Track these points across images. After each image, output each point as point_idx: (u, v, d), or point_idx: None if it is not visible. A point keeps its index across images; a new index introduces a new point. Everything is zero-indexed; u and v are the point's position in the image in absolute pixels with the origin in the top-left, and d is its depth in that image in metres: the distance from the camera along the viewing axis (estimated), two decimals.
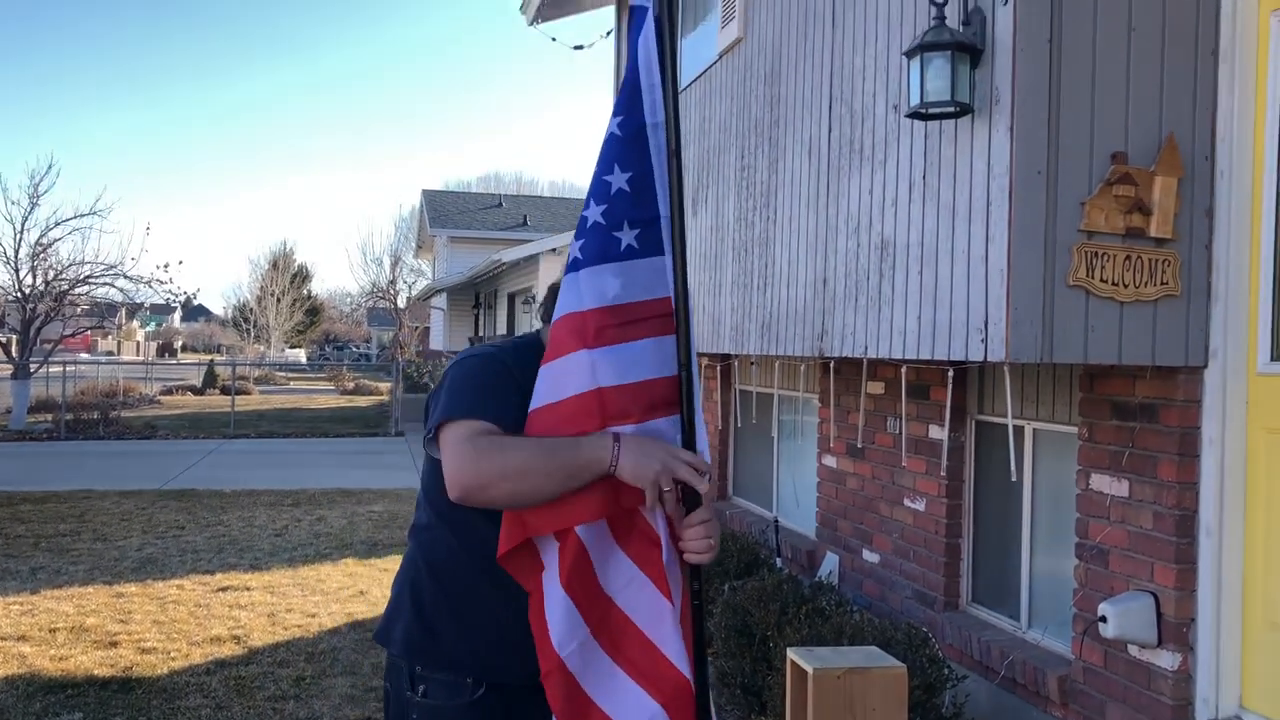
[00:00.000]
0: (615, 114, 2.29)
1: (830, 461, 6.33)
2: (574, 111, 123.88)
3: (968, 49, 3.68)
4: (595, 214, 2.26)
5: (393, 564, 8.70)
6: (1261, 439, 3.57)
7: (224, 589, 7.73)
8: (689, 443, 2.20)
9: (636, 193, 2.26)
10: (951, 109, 3.73)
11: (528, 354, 2.27)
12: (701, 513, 2.17)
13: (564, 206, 32.03)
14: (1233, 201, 3.62)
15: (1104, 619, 3.77)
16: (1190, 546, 3.67)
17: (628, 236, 2.26)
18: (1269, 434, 3.54)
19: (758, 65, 6.02)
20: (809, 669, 3.03)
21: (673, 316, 2.23)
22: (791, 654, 3.17)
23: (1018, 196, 3.51)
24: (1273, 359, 3.54)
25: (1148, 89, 3.61)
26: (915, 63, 3.75)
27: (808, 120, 5.30)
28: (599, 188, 2.28)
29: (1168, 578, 3.70)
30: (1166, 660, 3.71)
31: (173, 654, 6.13)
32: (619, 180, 2.27)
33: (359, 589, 7.78)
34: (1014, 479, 4.63)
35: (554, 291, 2.43)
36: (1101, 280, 3.54)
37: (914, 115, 3.85)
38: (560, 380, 2.20)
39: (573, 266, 2.27)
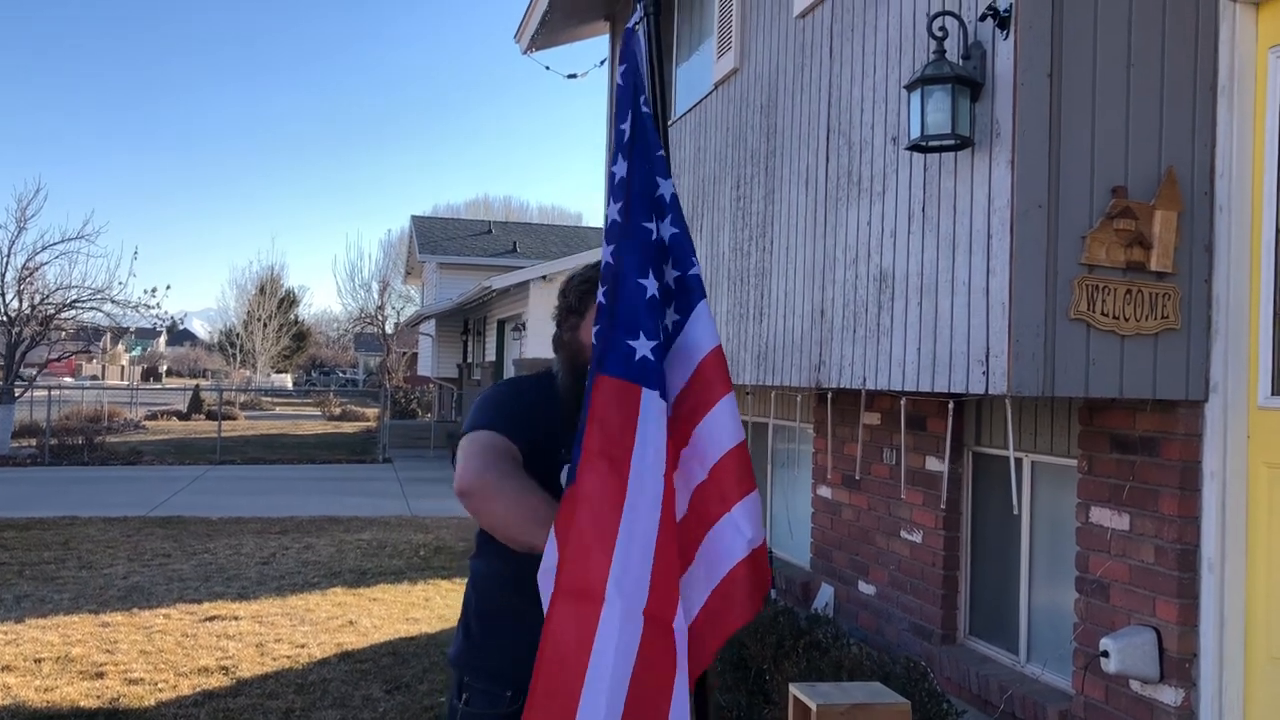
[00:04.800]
0: (664, 175, 2.24)
1: (825, 492, 6.31)
2: (563, 137, 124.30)
3: (968, 82, 3.69)
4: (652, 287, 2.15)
5: (382, 594, 8.62)
6: (1263, 473, 3.56)
7: (211, 618, 7.64)
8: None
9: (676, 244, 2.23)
10: (952, 142, 3.73)
11: (548, 385, 2.47)
12: None
13: (553, 233, 32.06)
14: (1232, 236, 3.63)
15: (1106, 654, 3.75)
16: (1192, 581, 3.65)
17: (669, 317, 2.20)
18: (1270, 468, 3.54)
19: (754, 96, 6.03)
20: (812, 705, 2.99)
21: (725, 368, 2.19)
22: (794, 690, 3.14)
23: (1019, 229, 3.51)
24: (1273, 393, 3.54)
25: (1147, 123, 3.63)
26: (916, 96, 3.76)
27: (805, 151, 5.31)
28: (652, 243, 2.19)
29: (1170, 613, 3.68)
30: (1169, 696, 3.69)
31: (160, 685, 6.04)
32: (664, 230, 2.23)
33: (348, 619, 7.70)
34: (1015, 512, 4.61)
35: (560, 321, 2.49)
36: (1102, 314, 3.54)
37: (914, 148, 3.86)
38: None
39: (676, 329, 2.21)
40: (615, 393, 2.01)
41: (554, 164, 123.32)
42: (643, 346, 2.03)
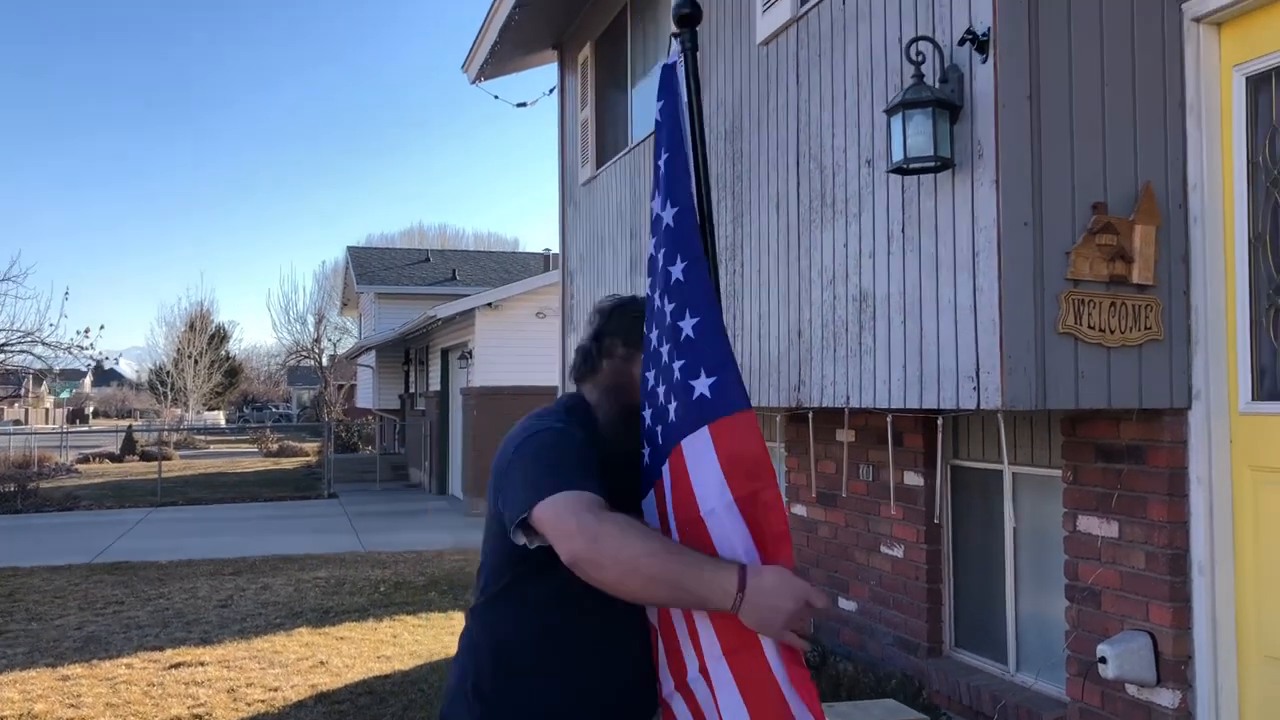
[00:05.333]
0: (672, 203, 2.19)
1: (801, 510, 6.36)
2: (496, 163, 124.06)
3: (947, 105, 3.77)
4: (668, 308, 2.16)
5: (349, 632, 8.48)
6: (1247, 476, 3.67)
7: (176, 665, 7.46)
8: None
9: (689, 281, 2.16)
10: (933, 164, 3.81)
11: (585, 419, 2.22)
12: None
13: (492, 260, 31.96)
14: (1207, 248, 3.75)
15: (1104, 660, 3.82)
16: (1184, 584, 3.75)
17: (687, 328, 2.19)
18: (1253, 471, 3.65)
19: (717, 122, 6.09)
20: None
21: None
22: None
23: (1006, 247, 3.59)
24: (1254, 398, 3.65)
25: (1123, 141, 3.74)
26: (897, 119, 3.83)
27: (774, 175, 5.37)
28: (663, 279, 2.19)
29: (1164, 617, 3.77)
30: (1166, 698, 3.77)
31: None
32: (677, 271, 2.18)
33: (318, 659, 7.56)
34: (1014, 525, 4.69)
35: (583, 353, 2.38)
36: (1089, 327, 3.63)
37: (897, 170, 3.93)
38: None
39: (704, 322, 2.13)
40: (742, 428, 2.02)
41: (488, 191, 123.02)
42: (701, 384, 2.03)
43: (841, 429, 5.79)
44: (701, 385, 2.02)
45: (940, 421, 4.35)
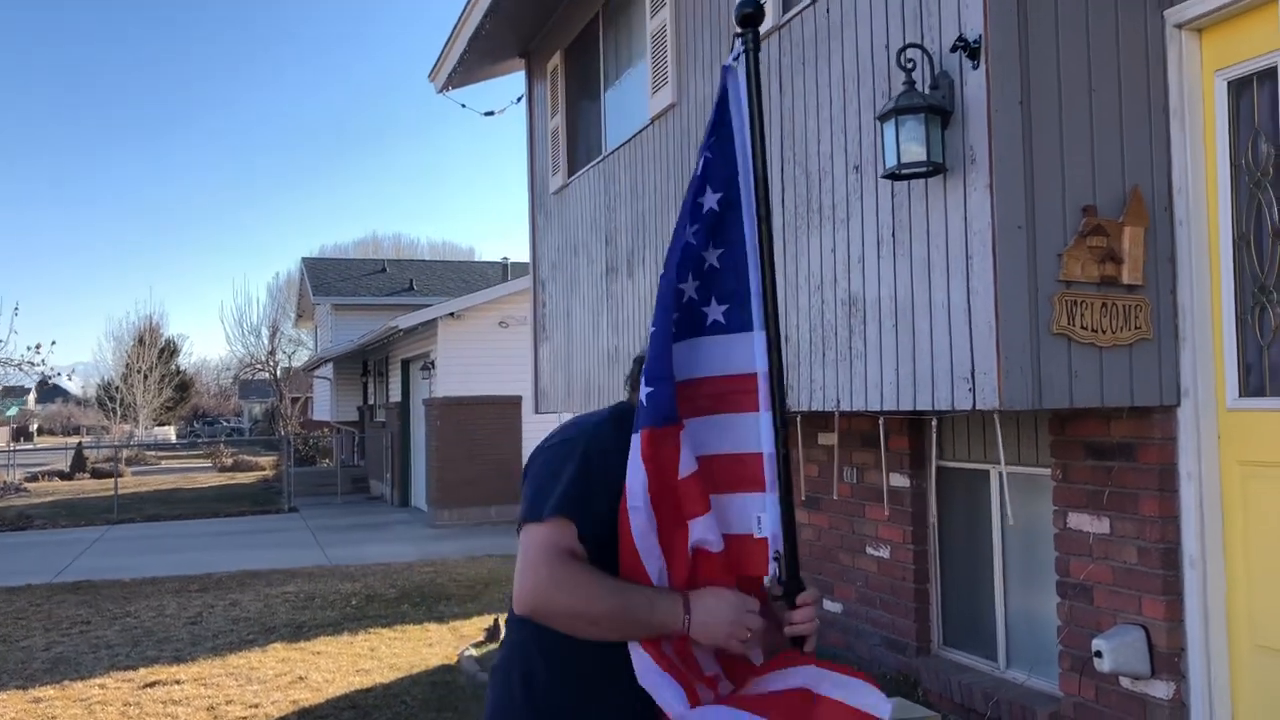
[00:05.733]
0: (713, 188, 2.27)
1: None
2: (449, 172, 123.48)
3: (938, 111, 3.84)
4: (690, 288, 2.25)
5: (325, 646, 8.41)
6: (1235, 471, 3.76)
7: (151, 684, 7.35)
8: (788, 524, 2.22)
9: (726, 269, 2.26)
10: (926, 169, 3.87)
11: (624, 427, 2.23)
12: (803, 612, 2.21)
13: (450, 270, 31.81)
14: (1192, 248, 3.84)
15: (1099, 654, 3.90)
16: (1176, 578, 3.83)
17: (715, 312, 2.27)
18: (1242, 466, 3.74)
19: (695, 129, 6.13)
20: None
21: (757, 393, 2.24)
22: None
23: (1001, 250, 3.65)
24: (1240, 395, 3.75)
25: (1111, 145, 3.82)
26: (890, 126, 3.89)
27: None
28: (695, 262, 2.25)
29: (1157, 610, 3.85)
30: (1161, 690, 3.85)
31: None
32: (712, 257, 2.27)
33: (297, 674, 7.49)
34: (1003, 523, 4.76)
35: (636, 362, 2.43)
36: (1082, 327, 3.71)
37: (890, 176, 3.99)
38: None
39: (660, 338, 2.24)
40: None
41: (441, 200, 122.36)
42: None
43: (824, 432, 5.84)
44: (644, 391, 2.17)
45: (935, 423, 4.41)
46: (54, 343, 21.91)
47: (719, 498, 2.27)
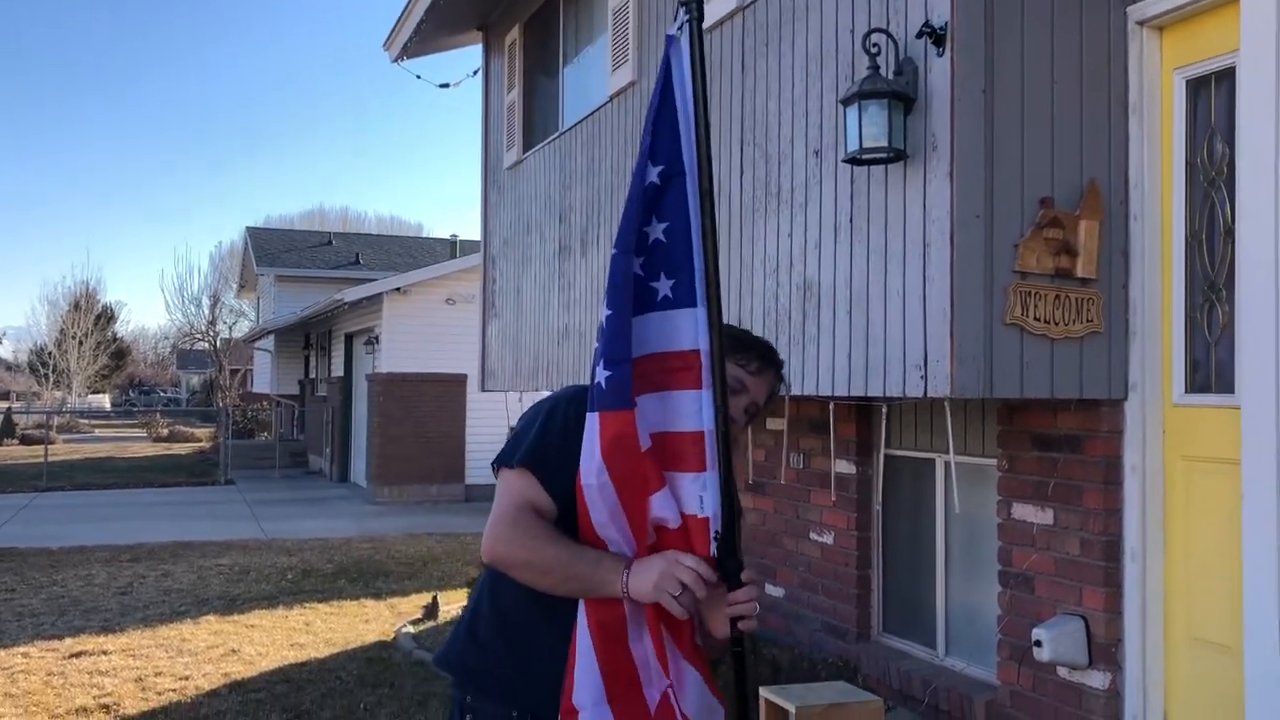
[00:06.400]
0: (654, 162, 2.26)
1: None
2: (399, 146, 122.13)
3: (902, 97, 3.82)
4: (635, 265, 2.24)
5: (259, 620, 8.28)
6: (1179, 466, 3.81)
7: (77, 654, 7.17)
8: (728, 504, 2.21)
9: (672, 243, 2.26)
10: (887, 155, 3.86)
11: None
12: (746, 591, 2.21)
13: (397, 244, 31.44)
14: (1145, 244, 3.87)
15: (1038, 643, 3.93)
16: (1117, 570, 3.88)
17: (664, 287, 2.26)
18: (1185, 461, 3.79)
19: None
20: (790, 708, 3.04)
21: (699, 370, 2.24)
22: (765, 694, 3.18)
23: (959, 239, 3.66)
24: (1187, 391, 3.79)
25: (1070, 137, 3.84)
26: (853, 110, 3.87)
27: (716, 163, 5.36)
28: (638, 240, 2.25)
29: (1096, 601, 3.90)
30: (1097, 680, 3.90)
31: None
32: (656, 231, 2.26)
33: (230, 647, 7.35)
34: (947, 512, 4.79)
35: None
36: (1035, 318, 3.73)
37: (850, 160, 3.97)
38: None
39: (618, 318, 2.23)
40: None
41: (390, 174, 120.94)
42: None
43: (774, 417, 5.84)
44: (600, 374, 2.17)
45: (885, 409, 4.42)
46: None
47: (668, 475, 2.26)
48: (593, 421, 2.20)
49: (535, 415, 2.39)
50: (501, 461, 2.34)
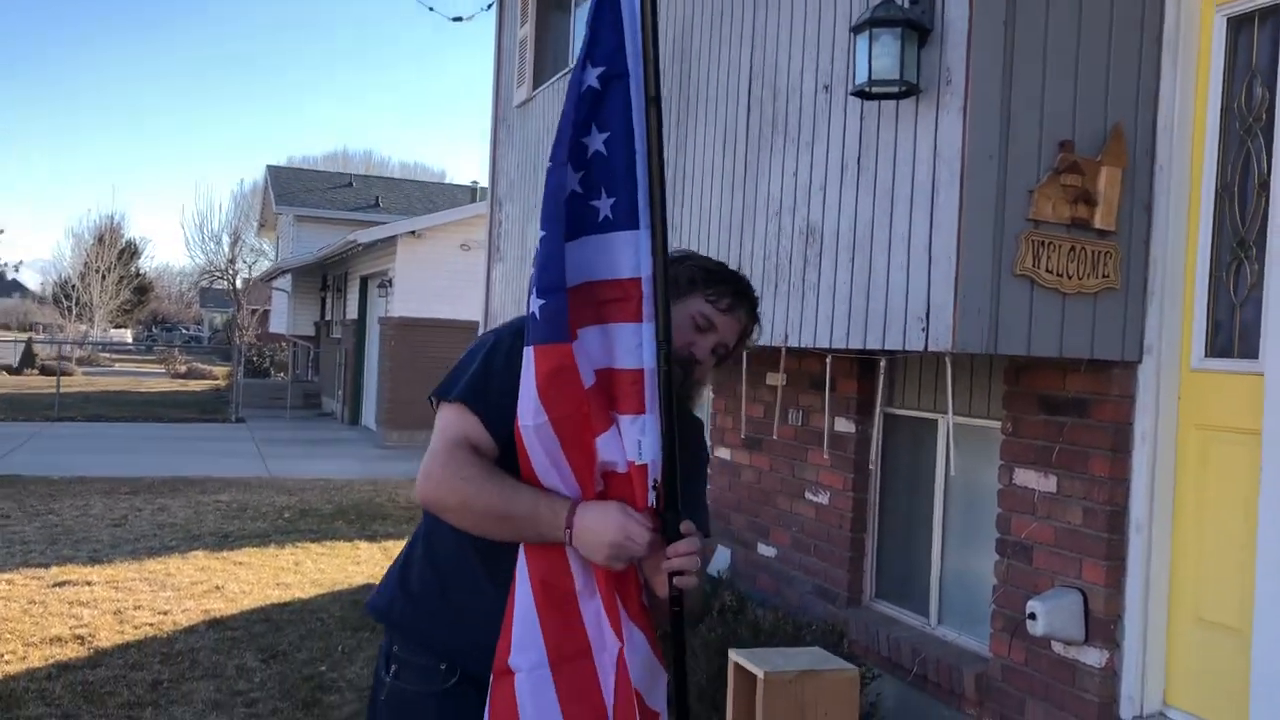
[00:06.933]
0: (593, 63, 2.03)
1: (725, 454, 6.19)
2: (426, 92, 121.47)
3: (917, 27, 3.55)
4: (573, 181, 2.03)
5: (248, 557, 8.16)
6: (1193, 435, 3.56)
7: (61, 584, 7.08)
8: (669, 451, 2.00)
9: (613, 157, 2.03)
10: (897, 88, 3.60)
11: None
12: (686, 543, 2.02)
13: (417, 189, 31.16)
14: (1171, 197, 3.60)
15: (1033, 616, 3.71)
16: (1120, 542, 3.64)
17: (604, 207, 2.04)
18: (1200, 430, 3.54)
19: (663, 45, 5.80)
20: (759, 673, 2.84)
21: (639, 301, 2.01)
22: (735, 656, 2.98)
23: (969, 181, 3.40)
24: (1206, 355, 3.53)
25: (1095, 77, 3.55)
26: (863, 39, 3.60)
27: (722, 100, 5.12)
28: (576, 151, 2.04)
29: (1097, 574, 3.67)
30: (1093, 657, 3.68)
31: (6, 657, 5.53)
32: (596, 142, 2.04)
33: (214, 584, 7.24)
34: (946, 475, 4.56)
35: None
36: (1047, 271, 3.47)
37: (858, 94, 3.71)
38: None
39: (552, 241, 2.01)
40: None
41: (416, 120, 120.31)
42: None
43: (773, 372, 5.60)
44: (534, 304, 1.98)
45: (885, 364, 4.17)
46: (1, 231, 20.91)
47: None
48: (528, 356, 2.00)
49: (479, 347, 2.21)
50: (439, 395, 2.15)
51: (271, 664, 5.58)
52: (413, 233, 16.61)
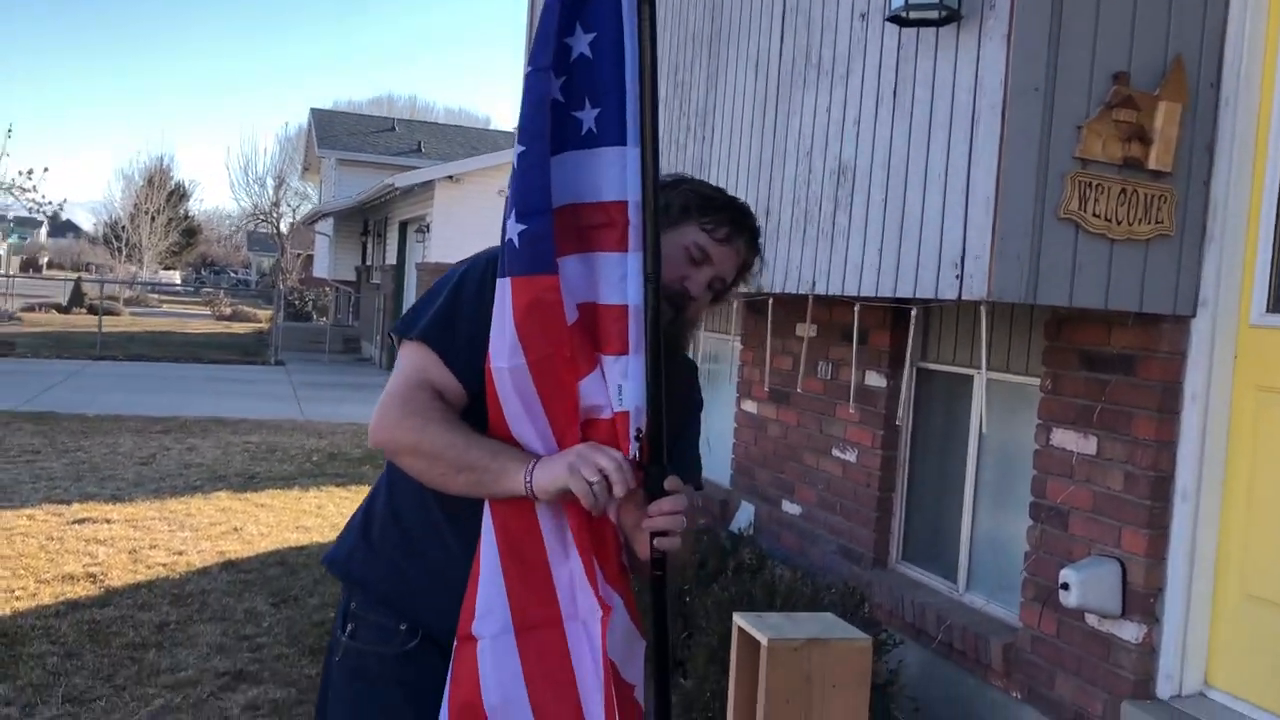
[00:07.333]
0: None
1: (751, 407, 5.96)
2: (472, 38, 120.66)
3: None
4: (555, 88, 1.79)
5: (270, 499, 8.09)
6: (1250, 397, 3.28)
7: (81, 520, 7.04)
8: (654, 397, 1.78)
9: (600, 60, 1.79)
10: (937, 13, 3.31)
11: None
12: (670, 501, 1.80)
13: (460, 135, 30.90)
14: (1236, 135, 3.29)
15: (1065, 586, 3.47)
16: (1164, 510, 3.38)
17: (588, 118, 1.80)
18: (1259, 391, 3.26)
19: None
20: (763, 640, 2.64)
21: (624, 228, 1.78)
22: (739, 620, 2.78)
23: (1012, 114, 3.11)
24: (1269, 310, 3.24)
25: (1155, 2, 3.24)
26: None
27: (755, 31, 4.83)
28: (559, 53, 1.80)
29: (1138, 544, 3.41)
30: (1129, 632, 3.43)
31: (17, 593, 5.47)
32: (581, 44, 1.80)
33: (232, 525, 7.16)
34: (980, 434, 4.30)
35: None
36: (1094, 215, 3.19)
37: (894, 19, 3.43)
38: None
39: (534, 156, 1.78)
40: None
41: (462, 66, 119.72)
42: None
43: (802, 323, 5.35)
44: (512, 229, 1.75)
45: (916, 313, 3.91)
46: (46, 169, 21.02)
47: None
48: (504, 289, 1.77)
49: (447, 278, 1.98)
50: (399, 332, 1.94)
51: (281, 608, 5.48)
52: (450, 177, 16.43)
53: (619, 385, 1.79)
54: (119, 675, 4.48)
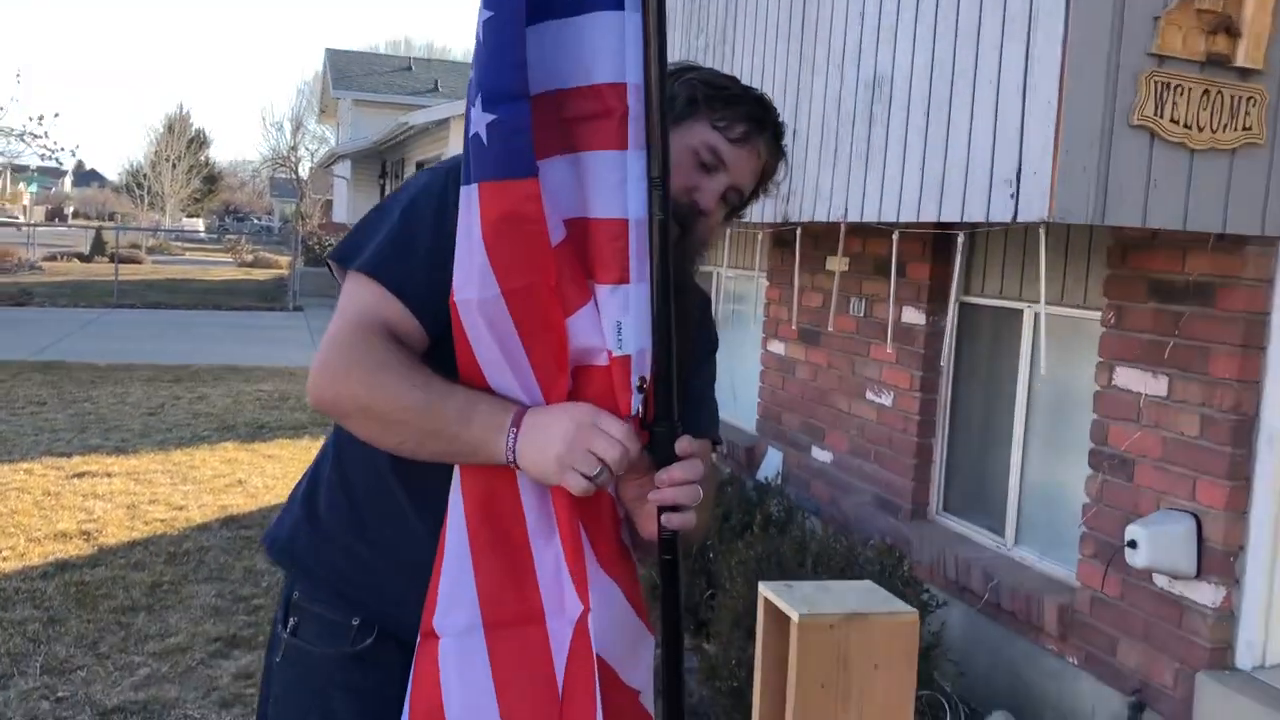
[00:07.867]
0: None
1: (778, 348, 5.57)
2: None
3: None
4: None
5: (279, 450, 7.80)
6: None
7: (80, 474, 6.76)
8: (663, 337, 1.39)
9: None
10: None
11: None
12: (682, 468, 1.42)
13: None
14: None
15: (1133, 543, 3.10)
16: (1246, 458, 2.99)
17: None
18: None
19: None
20: (793, 615, 2.29)
21: (623, 118, 1.38)
22: (765, 591, 2.43)
23: (1077, 3, 2.68)
24: None
25: None
26: None
27: None
28: None
29: (1215, 496, 3.02)
30: (1206, 595, 3.06)
31: (4, 553, 5.20)
32: None
33: (237, 477, 6.88)
34: (1031, 374, 3.90)
35: None
36: (1172, 120, 2.77)
37: None
38: None
39: (507, 24, 1.38)
40: None
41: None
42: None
43: (834, 255, 4.93)
44: (477, 119, 1.36)
45: (961, 240, 3.49)
46: (56, 115, 20.80)
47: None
48: (469, 198, 1.39)
49: (400, 193, 1.61)
50: (338, 259, 1.58)
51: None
52: None
53: (618, 323, 1.40)
54: (104, 642, 4.20)
